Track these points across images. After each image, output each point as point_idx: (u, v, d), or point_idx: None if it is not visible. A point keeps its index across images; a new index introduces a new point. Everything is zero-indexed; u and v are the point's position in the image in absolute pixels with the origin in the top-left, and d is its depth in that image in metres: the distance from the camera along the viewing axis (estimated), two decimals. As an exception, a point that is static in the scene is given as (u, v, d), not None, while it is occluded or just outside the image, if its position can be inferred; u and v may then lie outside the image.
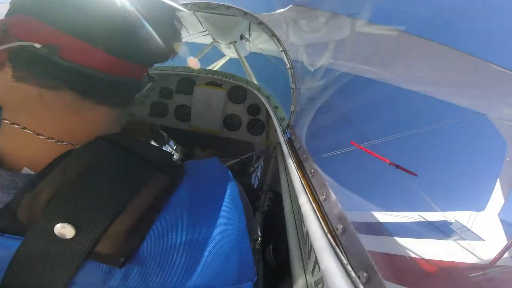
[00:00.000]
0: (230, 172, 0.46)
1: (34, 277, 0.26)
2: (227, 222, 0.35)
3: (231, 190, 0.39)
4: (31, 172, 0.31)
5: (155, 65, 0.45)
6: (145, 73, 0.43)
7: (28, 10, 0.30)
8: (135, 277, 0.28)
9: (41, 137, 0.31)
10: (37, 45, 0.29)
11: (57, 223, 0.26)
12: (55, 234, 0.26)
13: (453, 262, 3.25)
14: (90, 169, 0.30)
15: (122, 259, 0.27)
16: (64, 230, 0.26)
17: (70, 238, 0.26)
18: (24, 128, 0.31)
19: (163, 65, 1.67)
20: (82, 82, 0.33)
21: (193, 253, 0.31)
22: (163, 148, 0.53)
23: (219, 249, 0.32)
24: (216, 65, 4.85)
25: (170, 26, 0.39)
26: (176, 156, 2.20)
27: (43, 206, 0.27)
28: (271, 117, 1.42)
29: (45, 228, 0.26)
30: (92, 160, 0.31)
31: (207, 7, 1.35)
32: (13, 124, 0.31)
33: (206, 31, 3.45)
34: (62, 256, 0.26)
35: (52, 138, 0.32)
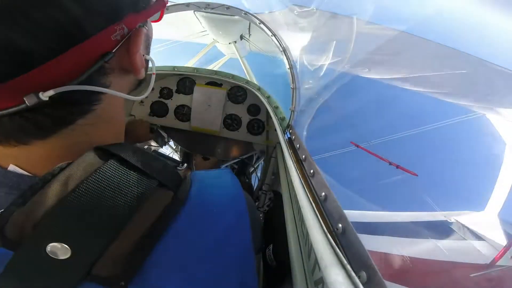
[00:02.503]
0: (237, 182, 0.43)
1: None
2: (230, 252, 0.33)
3: (239, 217, 0.37)
4: (19, 170, 0.29)
5: (155, 65, 0.41)
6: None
7: None
8: None
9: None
10: None
11: (50, 243, 0.24)
12: (48, 255, 0.24)
13: (453, 262, 3.25)
14: (86, 185, 0.27)
15: (123, 283, 0.26)
16: (58, 250, 0.24)
17: (65, 259, 0.24)
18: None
19: (164, 65, 1.66)
20: None
21: (194, 281, 0.30)
22: (165, 154, 0.47)
23: (221, 281, 0.31)
24: (216, 65, 4.85)
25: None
26: (172, 154, 2.20)
27: (34, 224, 0.24)
28: (271, 117, 1.42)
29: (36, 247, 0.24)
30: (88, 174, 0.28)
31: (207, 7, 1.35)
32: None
33: (206, 31, 3.46)
34: (56, 278, 0.24)
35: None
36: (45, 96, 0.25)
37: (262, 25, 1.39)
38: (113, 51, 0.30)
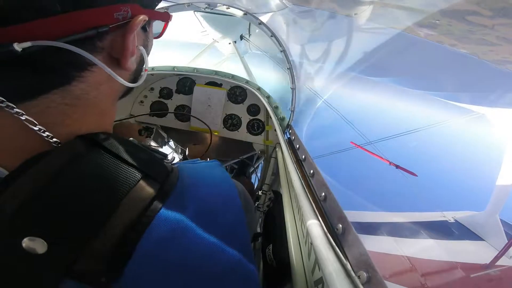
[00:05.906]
0: (228, 175, 0.42)
1: None
2: (223, 241, 0.32)
3: (235, 216, 0.36)
4: None
5: (155, 65, 0.41)
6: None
7: None
8: None
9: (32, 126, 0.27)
10: None
11: (25, 237, 0.23)
12: (24, 249, 0.22)
13: (453, 262, 3.25)
14: (67, 175, 0.26)
15: (104, 279, 0.25)
16: (34, 244, 0.23)
17: (42, 254, 0.23)
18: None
19: (163, 65, 1.66)
20: None
21: (185, 277, 0.28)
22: (158, 149, 0.45)
23: (214, 275, 0.29)
24: (216, 65, 4.86)
25: None
26: (174, 156, 2.20)
27: (8, 217, 0.23)
28: (271, 117, 1.42)
29: (11, 242, 0.23)
30: (69, 164, 0.26)
31: (207, 7, 1.35)
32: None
33: (206, 31, 3.46)
34: (34, 274, 0.23)
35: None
36: (20, 46, 0.23)
37: (262, 25, 1.39)
38: (110, 26, 0.29)
